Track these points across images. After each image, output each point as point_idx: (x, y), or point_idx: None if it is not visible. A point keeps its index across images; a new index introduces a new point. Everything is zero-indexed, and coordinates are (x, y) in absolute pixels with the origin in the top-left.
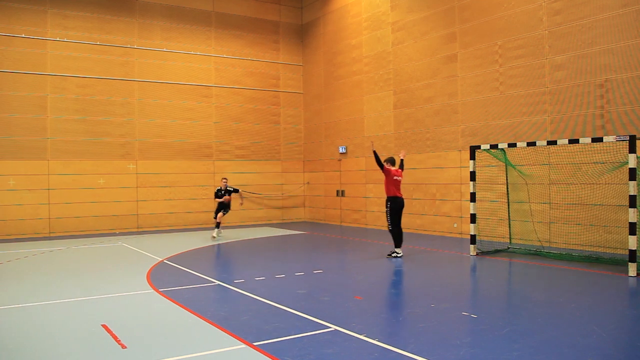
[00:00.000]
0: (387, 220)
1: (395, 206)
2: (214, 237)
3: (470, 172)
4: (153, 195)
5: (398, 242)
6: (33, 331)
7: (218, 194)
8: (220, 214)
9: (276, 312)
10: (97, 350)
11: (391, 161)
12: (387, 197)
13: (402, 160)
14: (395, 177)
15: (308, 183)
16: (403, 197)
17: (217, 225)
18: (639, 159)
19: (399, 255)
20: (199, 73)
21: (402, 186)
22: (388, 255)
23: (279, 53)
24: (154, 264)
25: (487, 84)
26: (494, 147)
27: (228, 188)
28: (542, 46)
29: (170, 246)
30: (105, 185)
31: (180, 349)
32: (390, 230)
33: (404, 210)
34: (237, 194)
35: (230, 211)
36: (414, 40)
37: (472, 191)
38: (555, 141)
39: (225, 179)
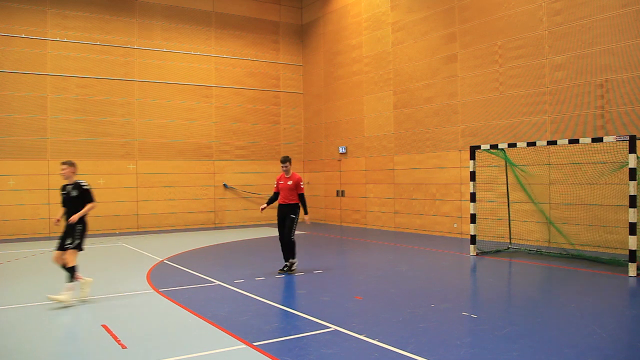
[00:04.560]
0: (293, 228)
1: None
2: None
3: (470, 172)
4: (153, 195)
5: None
6: (33, 331)
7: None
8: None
9: (276, 312)
10: (97, 350)
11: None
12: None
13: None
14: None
15: (308, 183)
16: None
17: (72, 276)
18: (639, 159)
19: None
20: (199, 73)
21: (402, 186)
22: (280, 270)
23: (279, 53)
24: (154, 264)
25: (487, 84)
26: (494, 147)
27: (83, 184)
28: (542, 46)
29: (170, 246)
30: (105, 186)
31: (180, 349)
32: (292, 241)
33: (402, 210)
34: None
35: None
36: (414, 41)
37: (472, 191)
38: (555, 141)
39: (67, 164)
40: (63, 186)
